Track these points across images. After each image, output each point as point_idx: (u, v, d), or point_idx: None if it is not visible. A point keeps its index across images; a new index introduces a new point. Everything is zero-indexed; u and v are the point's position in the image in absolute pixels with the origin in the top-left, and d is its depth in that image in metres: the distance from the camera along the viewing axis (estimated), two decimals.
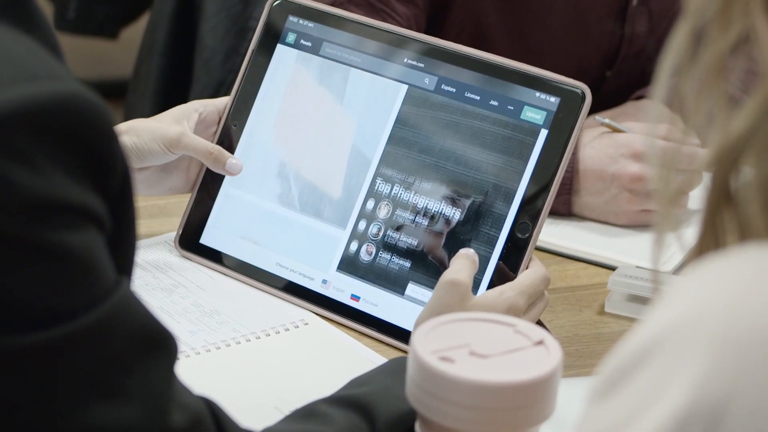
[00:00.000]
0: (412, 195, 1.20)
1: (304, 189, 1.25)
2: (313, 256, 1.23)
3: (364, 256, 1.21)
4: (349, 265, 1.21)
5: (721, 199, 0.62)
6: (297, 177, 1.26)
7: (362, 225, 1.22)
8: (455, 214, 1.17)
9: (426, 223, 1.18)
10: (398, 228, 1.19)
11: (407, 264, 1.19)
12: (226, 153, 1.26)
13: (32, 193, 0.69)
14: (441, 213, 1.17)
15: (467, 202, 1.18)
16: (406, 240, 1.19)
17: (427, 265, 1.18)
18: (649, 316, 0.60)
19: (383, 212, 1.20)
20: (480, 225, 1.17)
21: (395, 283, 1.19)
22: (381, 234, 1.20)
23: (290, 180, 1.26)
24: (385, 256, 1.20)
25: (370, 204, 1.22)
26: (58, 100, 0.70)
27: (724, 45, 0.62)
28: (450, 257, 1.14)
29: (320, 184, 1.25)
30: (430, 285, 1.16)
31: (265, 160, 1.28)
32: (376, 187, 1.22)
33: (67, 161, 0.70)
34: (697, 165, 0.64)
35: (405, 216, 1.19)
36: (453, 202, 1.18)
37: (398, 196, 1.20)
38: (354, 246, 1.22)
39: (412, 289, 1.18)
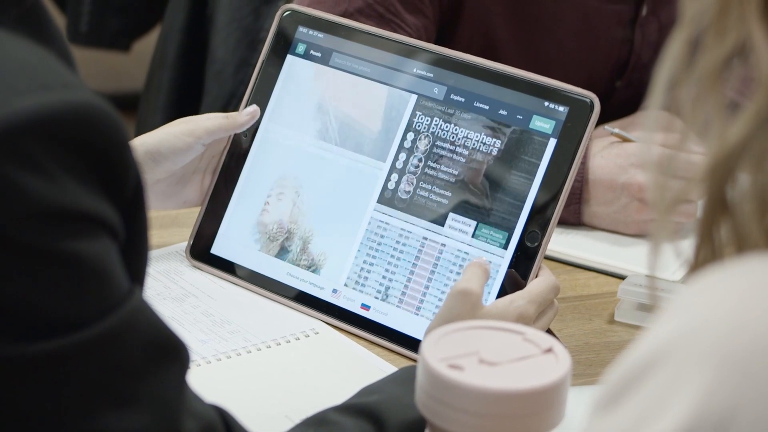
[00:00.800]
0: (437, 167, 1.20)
1: (343, 123, 1.26)
2: (353, 191, 1.23)
3: (405, 188, 1.21)
4: (389, 199, 1.22)
5: (717, 207, 0.63)
6: (337, 112, 1.26)
7: (402, 158, 1.22)
8: (495, 144, 1.18)
9: (465, 154, 1.19)
10: (438, 159, 1.20)
11: (447, 195, 1.19)
12: (237, 113, 1.28)
13: (45, 202, 0.70)
14: (480, 141, 1.18)
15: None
16: (446, 171, 1.19)
17: (467, 197, 1.18)
18: (650, 328, 0.60)
19: (423, 144, 1.21)
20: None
21: (435, 214, 1.19)
22: (421, 166, 1.21)
23: (330, 115, 1.27)
24: (426, 187, 1.20)
25: (410, 137, 1.22)
26: (71, 109, 0.71)
27: (720, 54, 0.62)
28: (490, 188, 1.15)
29: (360, 119, 1.25)
30: (470, 215, 1.17)
31: (305, 97, 1.28)
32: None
33: (80, 170, 0.71)
34: (696, 173, 0.64)
35: (445, 147, 1.20)
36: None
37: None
38: (394, 178, 1.22)
39: (453, 217, 1.18)
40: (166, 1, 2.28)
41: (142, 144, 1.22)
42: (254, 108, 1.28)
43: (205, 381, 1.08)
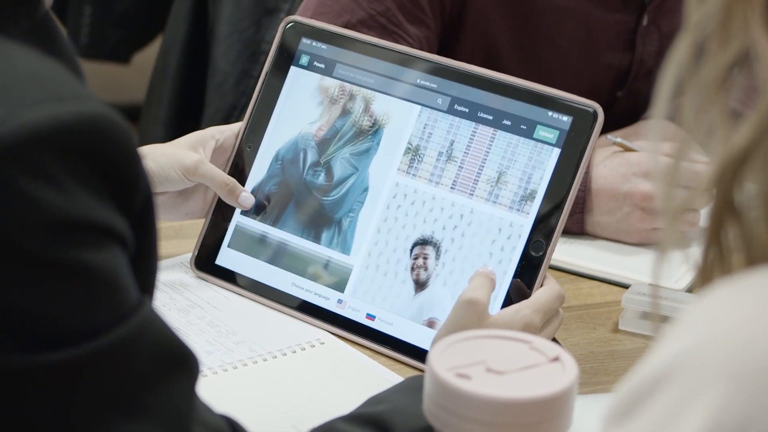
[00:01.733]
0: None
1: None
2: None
3: None
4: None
5: (725, 213, 0.63)
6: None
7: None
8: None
9: None
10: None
11: None
12: (240, 186, 1.28)
13: (57, 212, 0.70)
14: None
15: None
16: None
17: None
18: (662, 342, 0.60)
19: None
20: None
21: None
22: None
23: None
24: None
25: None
26: (83, 120, 0.71)
27: (723, 60, 0.62)
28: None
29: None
30: None
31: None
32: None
33: (91, 180, 0.72)
34: (701, 181, 0.64)
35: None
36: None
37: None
38: None
39: None
40: (166, 14, 2.29)
41: (145, 157, 1.23)
42: (251, 203, 1.28)
43: (211, 391, 1.08)
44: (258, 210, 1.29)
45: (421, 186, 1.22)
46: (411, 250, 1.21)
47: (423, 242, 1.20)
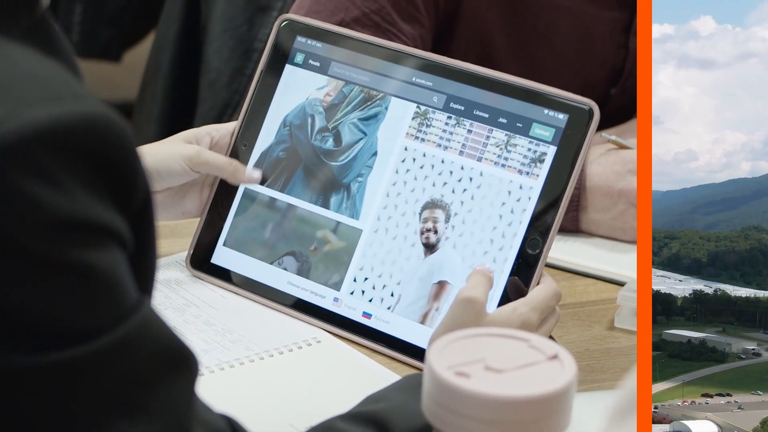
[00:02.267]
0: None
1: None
2: None
3: None
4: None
5: None
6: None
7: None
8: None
9: None
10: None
11: None
12: (242, 165, 1.28)
13: (57, 212, 0.70)
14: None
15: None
16: None
17: None
18: None
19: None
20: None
21: None
22: None
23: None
24: None
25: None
26: (83, 119, 0.71)
27: None
28: None
29: None
30: None
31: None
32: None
33: (91, 180, 0.72)
34: None
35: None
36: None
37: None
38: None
39: None
40: (158, 12, 2.28)
41: (143, 156, 1.23)
42: (259, 175, 1.28)
43: (208, 391, 1.07)
44: (266, 176, 1.29)
45: (430, 150, 1.22)
46: (420, 214, 1.21)
47: (432, 205, 1.20)
